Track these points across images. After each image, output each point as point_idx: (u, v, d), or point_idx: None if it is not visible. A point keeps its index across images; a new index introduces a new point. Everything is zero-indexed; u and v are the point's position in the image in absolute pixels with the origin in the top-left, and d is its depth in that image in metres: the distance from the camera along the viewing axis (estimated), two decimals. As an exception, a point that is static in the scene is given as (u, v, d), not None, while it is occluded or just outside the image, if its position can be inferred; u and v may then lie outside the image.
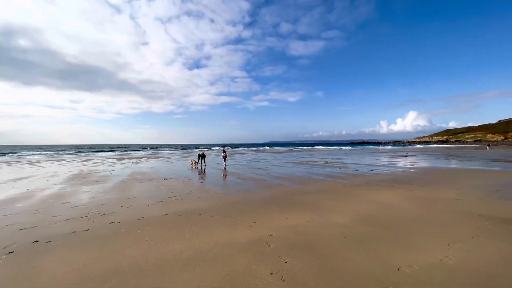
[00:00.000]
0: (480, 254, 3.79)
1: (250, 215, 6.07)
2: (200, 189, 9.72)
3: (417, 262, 3.53)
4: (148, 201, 7.81)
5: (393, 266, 3.44)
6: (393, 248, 4.06)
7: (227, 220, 5.75)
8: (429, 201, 7.27)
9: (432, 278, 3.12)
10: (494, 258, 3.65)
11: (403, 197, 7.84)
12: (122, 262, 3.72)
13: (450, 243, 4.21)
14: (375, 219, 5.62)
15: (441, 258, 3.64)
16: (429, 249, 4.00)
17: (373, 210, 6.38)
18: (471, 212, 6.05)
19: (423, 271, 3.28)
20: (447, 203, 7.01)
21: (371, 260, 3.63)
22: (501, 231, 4.74)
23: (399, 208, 6.51)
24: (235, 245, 4.25)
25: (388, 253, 3.85)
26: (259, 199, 7.89)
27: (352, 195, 8.31)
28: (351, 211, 6.35)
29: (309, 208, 6.72)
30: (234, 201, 7.62)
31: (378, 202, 7.26)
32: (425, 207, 6.62)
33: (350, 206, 6.85)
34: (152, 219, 5.88)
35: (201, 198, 8.18)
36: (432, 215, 5.89)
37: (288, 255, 3.81)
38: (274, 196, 8.38)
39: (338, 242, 4.31)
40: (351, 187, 9.87)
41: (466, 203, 6.97)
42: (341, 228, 5.07)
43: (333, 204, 7.07)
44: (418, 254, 3.81)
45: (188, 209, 6.80)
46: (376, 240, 4.41)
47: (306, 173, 14.74)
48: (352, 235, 4.64)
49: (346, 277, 3.17)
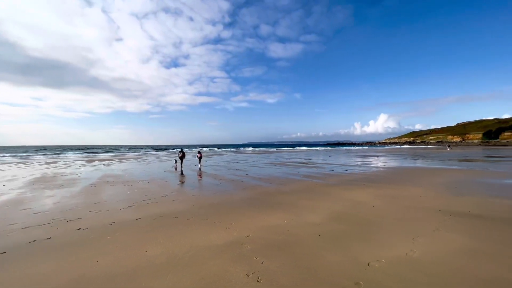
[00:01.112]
0: (440, 247, 4.11)
1: (228, 217, 6.02)
2: (177, 192, 9.45)
3: (385, 257, 3.74)
4: (120, 205, 7.42)
5: (363, 261, 3.61)
6: (364, 244, 4.26)
7: (204, 222, 5.65)
8: (397, 198, 7.75)
9: (398, 272, 3.32)
10: (452, 250, 3.98)
11: (374, 195, 8.27)
12: (89, 271, 3.49)
13: (414, 237, 4.52)
14: (348, 217, 5.87)
15: (407, 252, 3.90)
16: (396, 243, 4.25)
17: (346, 208, 6.65)
18: (433, 207, 6.55)
19: (390, 265, 3.49)
20: (412, 200, 7.52)
21: (343, 257, 3.77)
22: (458, 225, 5.18)
23: (370, 206, 6.86)
24: (212, 248, 4.19)
25: (359, 249, 4.04)
26: (237, 201, 7.85)
27: (327, 194, 8.60)
28: (326, 210, 6.56)
29: (286, 208, 6.83)
30: (211, 203, 7.51)
31: (351, 200, 7.59)
32: (393, 204, 7.04)
33: (325, 205, 7.07)
34: (123, 224, 5.59)
35: (177, 200, 7.95)
36: (399, 211, 6.28)
37: (264, 256, 3.83)
38: (252, 197, 8.40)
39: (313, 241, 4.43)
40: (326, 186, 10.20)
41: (428, 199, 7.53)
42: (316, 227, 5.21)
43: (309, 204, 7.25)
44: (386, 249, 4.04)
45: (163, 212, 6.56)
46: (348, 237, 4.60)
47: (284, 173, 14.97)
48: (326, 233, 4.79)
49: (320, 275, 3.27)
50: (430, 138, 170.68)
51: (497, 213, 5.95)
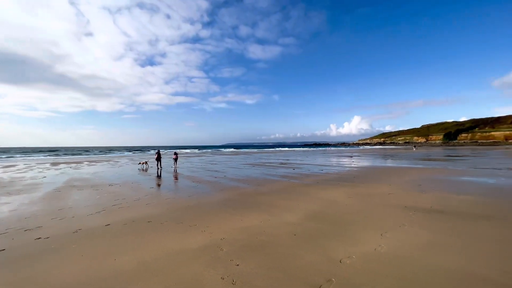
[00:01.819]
0: (406, 241, 4.38)
1: (204, 220, 5.90)
2: (151, 195, 9.07)
3: (356, 253, 3.90)
4: (88, 210, 6.95)
5: (336, 258, 3.74)
6: (336, 241, 4.41)
7: (178, 226, 5.48)
8: (368, 196, 8.15)
9: (367, 267, 3.48)
10: (416, 243, 4.27)
11: (347, 194, 8.62)
12: (48, 285, 3.21)
13: (382, 233, 4.78)
14: (323, 216, 6.05)
15: (375, 248, 4.10)
16: (366, 240, 4.46)
17: (321, 207, 6.85)
18: (400, 204, 6.99)
19: (360, 261, 3.64)
20: (382, 197, 7.95)
21: (317, 255, 3.87)
22: (422, 220, 5.58)
23: (343, 204, 7.14)
24: (186, 252, 4.07)
25: (332, 247, 4.17)
26: (214, 203, 7.74)
27: (304, 194, 8.80)
28: (302, 209, 6.70)
29: (264, 208, 6.87)
30: (187, 206, 7.32)
31: (326, 199, 7.84)
32: (364, 202, 7.39)
33: (301, 204, 7.23)
34: (90, 231, 5.24)
35: (151, 204, 7.63)
36: (370, 209, 6.61)
37: (240, 258, 3.80)
38: (230, 198, 8.33)
39: (288, 240, 4.49)
40: (303, 186, 10.43)
41: (396, 196, 8.02)
42: (292, 226, 5.30)
43: (286, 204, 7.36)
44: (357, 245, 4.22)
45: (135, 217, 6.26)
46: (323, 235, 4.74)
47: (262, 174, 15.06)
48: (301, 233, 4.89)
49: (295, 274, 3.32)
50: (398, 139, 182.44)
51: (455, 208, 6.49)
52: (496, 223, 5.21)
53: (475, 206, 6.66)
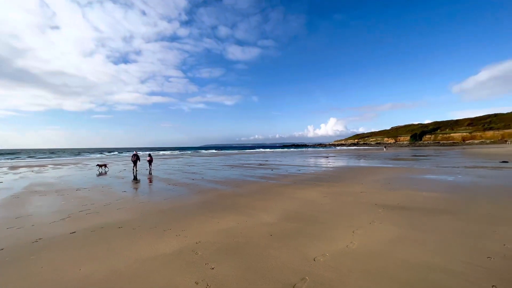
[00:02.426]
0: (375, 237, 4.62)
1: (179, 223, 5.73)
2: (123, 199, 8.62)
3: (329, 251, 4.04)
4: (50, 218, 6.42)
5: (310, 257, 3.83)
6: (311, 240, 4.52)
7: (152, 231, 5.26)
8: (342, 195, 8.48)
9: (339, 263, 3.61)
10: (384, 239, 4.52)
11: (323, 193, 8.90)
12: (1, 300, 2.91)
13: (354, 230, 5.00)
14: (299, 215, 6.18)
15: (347, 244, 4.28)
16: (339, 237, 4.64)
17: (298, 207, 6.99)
18: (371, 202, 7.36)
19: (333, 258, 3.77)
20: (354, 196, 8.32)
21: (292, 254, 3.94)
22: (390, 216, 5.92)
23: (319, 203, 7.35)
24: (159, 258, 3.92)
25: (306, 246, 4.27)
26: (190, 205, 7.56)
27: (281, 194, 8.92)
28: (279, 209, 6.78)
29: (241, 210, 6.85)
30: (162, 210, 7.07)
31: (302, 199, 8.02)
32: (338, 200, 7.68)
33: (278, 205, 7.32)
34: (53, 240, 4.84)
35: (123, 209, 7.26)
36: (343, 207, 6.88)
37: (215, 261, 3.75)
38: (207, 200, 8.19)
39: (265, 241, 4.52)
40: (280, 186, 10.58)
41: (368, 195, 8.44)
42: (268, 227, 5.34)
43: (263, 204, 7.40)
44: (330, 243, 4.37)
45: (105, 223, 5.91)
46: (298, 234, 4.83)
47: (241, 175, 15.03)
48: (278, 233, 4.95)
49: (270, 274, 3.34)
50: (370, 140, 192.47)
51: (420, 204, 6.98)
52: (455, 217, 5.69)
53: (437, 202, 7.22)
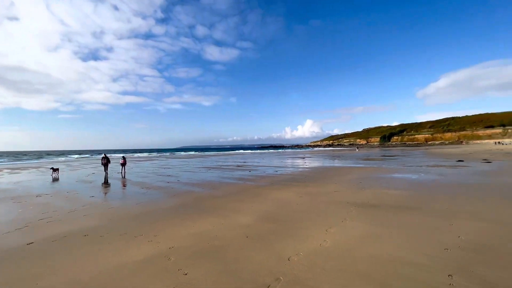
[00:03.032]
0: (347, 234, 4.82)
1: (152, 228, 5.49)
2: (90, 205, 8.07)
3: (303, 250, 4.13)
4: (4, 228, 5.81)
5: (285, 257, 3.88)
6: (286, 240, 4.59)
7: (122, 237, 4.98)
8: (317, 195, 8.74)
9: (313, 262, 3.70)
10: (355, 235, 4.72)
11: (298, 193, 9.09)
12: None
13: (327, 228, 5.16)
14: (275, 216, 6.24)
15: (321, 243, 4.40)
16: (313, 236, 4.76)
17: (273, 208, 7.06)
18: (343, 201, 7.66)
19: (307, 257, 3.86)
20: (329, 195, 8.61)
21: (267, 255, 3.96)
22: (360, 214, 6.21)
23: (294, 203, 7.50)
24: (129, 266, 3.72)
25: (282, 246, 4.32)
26: (165, 209, 7.29)
27: (258, 195, 8.96)
28: (255, 210, 6.80)
29: (217, 212, 6.75)
30: (133, 215, 6.73)
31: (278, 199, 8.12)
32: (313, 200, 7.89)
33: (255, 206, 7.33)
34: (6, 253, 4.38)
35: (89, 215, 6.78)
36: (318, 206, 7.08)
37: (189, 266, 3.64)
38: (182, 204, 7.96)
39: (240, 243, 4.49)
40: (257, 188, 10.62)
41: (341, 194, 8.78)
42: (244, 228, 5.33)
43: (240, 206, 7.37)
44: (304, 242, 4.47)
45: (68, 231, 5.47)
46: (274, 235, 4.88)
47: (218, 177, 14.84)
48: (254, 234, 4.95)
49: (244, 276, 3.33)
50: (344, 141, 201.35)
51: (387, 202, 7.42)
52: (417, 213, 6.13)
53: (403, 199, 7.72)
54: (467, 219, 5.46)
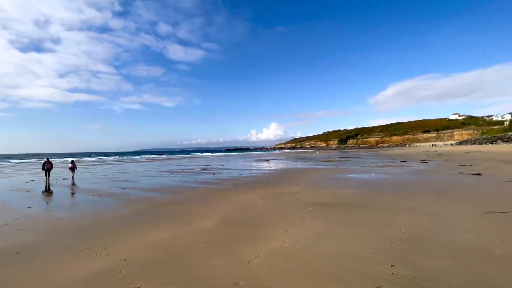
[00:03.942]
0: (305, 234, 5.03)
1: (101, 240, 5.00)
2: (26, 217, 7.03)
3: (263, 252, 4.18)
4: None
5: (245, 260, 3.88)
6: (247, 243, 4.60)
7: (64, 253, 4.43)
8: (279, 196, 8.97)
9: (272, 264, 3.77)
10: (313, 234, 4.96)
11: (261, 195, 9.22)
12: None
13: (287, 229, 5.32)
14: (237, 219, 6.22)
15: (280, 244, 4.52)
16: (274, 237, 4.86)
17: (236, 211, 7.04)
18: (303, 201, 8.00)
19: (266, 259, 3.92)
20: (290, 196, 8.91)
21: (228, 260, 3.92)
22: (318, 213, 6.55)
23: (257, 206, 7.58)
24: (72, 284, 3.32)
25: (243, 249, 4.32)
26: (118, 218, 6.72)
27: (221, 199, 8.84)
28: (217, 214, 6.68)
29: (177, 219, 6.46)
30: (80, 226, 6.05)
31: (241, 202, 8.12)
32: (275, 201, 8.08)
33: (217, 210, 7.21)
34: None
35: (23, 229, 5.90)
36: (279, 207, 7.27)
37: (142, 278, 3.40)
38: (139, 211, 7.43)
39: (200, 249, 4.36)
40: (221, 191, 10.48)
41: (301, 194, 9.16)
42: (205, 234, 5.19)
43: (202, 211, 7.18)
44: (265, 244, 4.54)
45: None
46: (235, 239, 4.85)
47: (180, 181, 14.25)
48: (215, 239, 4.85)
49: (202, 284, 3.23)
50: (306, 143, 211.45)
51: (342, 201, 7.96)
52: (367, 210, 6.70)
53: (355, 197, 8.38)
54: (408, 213, 6.16)
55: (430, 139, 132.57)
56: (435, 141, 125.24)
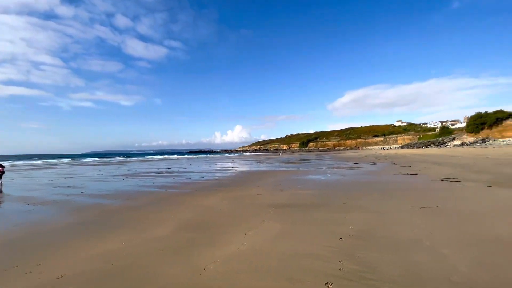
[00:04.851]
0: (264, 235, 5.11)
1: (34, 256, 4.37)
2: None
3: (221, 256, 4.13)
4: None
5: (201, 266, 3.78)
6: (205, 248, 4.49)
7: (-17, 274, 3.75)
8: (240, 199, 8.98)
9: (229, 268, 3.75)
10: (271, 236, 5.07)
11: (222, 198, 9.12)
12: None
13: (246, 231, 5.35)
14: (196, 224, 6.04)
15: (238, 247, 4.52)
16: (232, 241, 4.83)
17: (195, 215, 6.82)
18: (264, 203, 8.15)
19: (224, 264, 3.88)
20: (251, 198, 8.98)
21: (183, 267, 3.77)
22: (277, 214, 6.73)
23: (217, 209, 7.47)
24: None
25: (200, 255, 4.20)
26: (58, 229, 5.97)
27: (180, 203, 8.48)
28: (175, 220, 6.39)
29: (130, 226, 6.00)
30: (7, 241, 5.20)
31: (201, 206, 7.91)
32: (236, 204, 8.06)
33: (176, 215, 6.90)
34: None
35: None
36: (240, 210, 7.28)
37: (83, 296, 3.07)
38: (85, 220, 6.70)
39: (153, 258, 4.11)
40: (181, 195, 10.07)
41: (262, 196, 9.31)
42: (160, 241, 4.92)
43: (158, 217, 6.79)
44: (223, 248, 4.48)
45: None
46: (191, 244, 4.69)
47: (136, 186, 13.28)
48: (170, 246, 4.63)
49: (154, 295, 3.05)
50: (270, 146, 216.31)
51: (300, 201, 8.31)
52: (322, 209, 7.11)
53: (312, 198, 8.83)
54: (357, 211, 6.71)
55: (378, 143, 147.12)
56: (383, 144, 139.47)
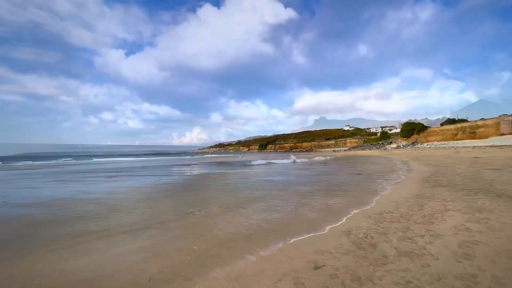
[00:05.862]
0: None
1: None
2: None
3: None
4: None
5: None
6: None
7: None
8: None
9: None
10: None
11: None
12: None
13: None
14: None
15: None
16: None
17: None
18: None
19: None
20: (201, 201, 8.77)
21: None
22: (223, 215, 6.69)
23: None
24: None
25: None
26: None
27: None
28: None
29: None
30: None
31: (151, 212, 7.39)
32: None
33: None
34: None
35: None
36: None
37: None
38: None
39: None
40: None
41: (218, 198, 9.17)
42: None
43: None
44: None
45: None
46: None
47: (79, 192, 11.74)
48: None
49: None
50: (229, 148, 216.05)
51: (254, 204, 8.43)
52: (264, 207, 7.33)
53: (268, 198, 9.05)
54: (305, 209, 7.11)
55: (330, 146, 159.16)
56: (334, 147, 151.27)
